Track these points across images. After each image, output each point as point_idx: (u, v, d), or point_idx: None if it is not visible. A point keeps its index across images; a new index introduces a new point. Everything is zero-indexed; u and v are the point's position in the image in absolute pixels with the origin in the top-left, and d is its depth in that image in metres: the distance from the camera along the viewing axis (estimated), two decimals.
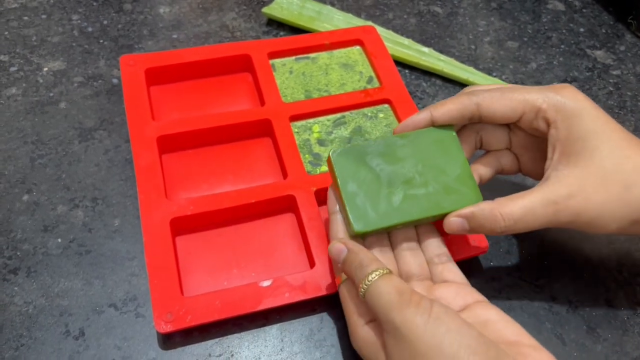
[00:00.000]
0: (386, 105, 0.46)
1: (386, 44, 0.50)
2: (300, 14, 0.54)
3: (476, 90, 0.36)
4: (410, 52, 0.52)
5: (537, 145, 0.37)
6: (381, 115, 0.46)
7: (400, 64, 0.52)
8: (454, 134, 0.37)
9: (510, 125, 0.37)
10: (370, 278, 0.29)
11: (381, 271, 0.30)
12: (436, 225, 0.36)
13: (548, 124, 0.34)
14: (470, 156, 0.38)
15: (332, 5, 0.57)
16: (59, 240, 0.39)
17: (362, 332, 0.31)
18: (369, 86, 0.48)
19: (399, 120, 0.45)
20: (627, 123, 0.49)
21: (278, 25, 0.54)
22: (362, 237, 0.35)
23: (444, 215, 0.34)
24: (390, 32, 0.53)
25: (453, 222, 0.34)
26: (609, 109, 0.50)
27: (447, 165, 0.36)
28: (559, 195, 0.32)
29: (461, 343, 0.26)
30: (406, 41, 0.53)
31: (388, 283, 0.29)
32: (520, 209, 0.32)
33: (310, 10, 0.54)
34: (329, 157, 0.35)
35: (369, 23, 0.53)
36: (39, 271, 0.37)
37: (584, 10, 0.59)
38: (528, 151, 0.38)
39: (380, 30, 0.53)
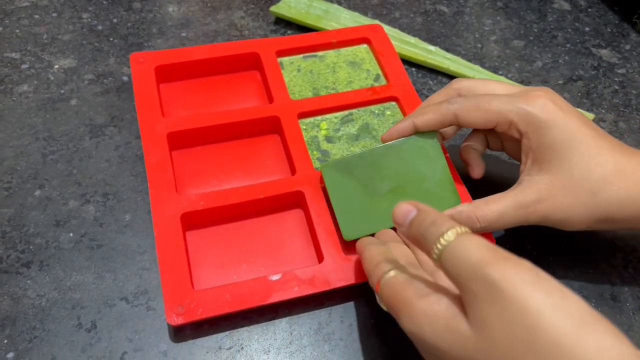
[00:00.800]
0: (393, 103, 0.47)
1: (393, 42, 0.51)
2: (308, 13, 0.54)
3: (455, 99, 0.37)
4: (417, 51, 0.52)
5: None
6: (388, 112, 0.46)
7: (407, 62, 0.52)
8: (436, 140, 0.39)
9: None
10: (447, 236, 0.26)
11: (459, 229, 0.26)
12: None
13: (520, 134, 0.36)
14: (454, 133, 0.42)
15: (339, 4, 0.57)
16: (71, 234, 0.39)
17: (425, 306, 0.26)
18: (376, 84, 0.48)
19: None
20: (633, 121, 0.49)
21: (286, 24, 0.55)
22: None
23: None
24: (397, 30, 0.54)
25: None
26: (614, 107, 0.50)
27: (429, 171, 0.39)
28: (530, 199, 0.35)
29: (585, 309, 0.23)
30: (413, 40, 0.53)
31: (474, 239, 0.25)
32: (494, 212, 0.35)
33: (317, 9, 0.55)
34: (321, 171, 0.39)
35: (376, 22, 0.54)
36: (52, 265, 0.38)
37: (590, 10, 0.60)
38: (509, 140, 0.39)
39: (387, 29, 0.53)
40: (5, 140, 0.44)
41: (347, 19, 0.54)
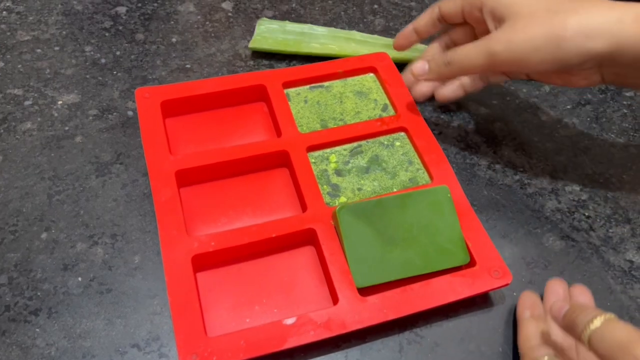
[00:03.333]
0: (402, 134, 0.46)
1: (384, 49, 0.52)
2: (286, 40, 0.53)
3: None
4: (410, 52, 0.53)
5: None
6: (397, 143, 0.46)
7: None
8: (449, 195, 0.40)
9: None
10: (596, 321, 0.29)
11: (605, 316, 0.29)
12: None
13: (481, 10, 0.42)
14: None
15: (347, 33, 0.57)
16: (79, 279, 0.38)
17: None
18: (384, 114, 0.47)
19: (416, 149, 0.45)
20: None
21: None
22: None
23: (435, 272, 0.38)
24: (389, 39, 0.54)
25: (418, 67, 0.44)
26: (624, 132, 0.50)
27: (441, 226, 0.40)
28: (494, 41, 0.39)
29: None
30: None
31: (620, 323, 0.28)
32: (462, 51, 0.41)
33: (292, 33, 0.54)
34: (334, 212, 0.39)
35: (354, 33, 0.54)
36: (60, 312, 0.37)
37: None
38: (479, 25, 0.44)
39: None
40: (10, 180, 0.43)
41: (325, 35, 0.54)
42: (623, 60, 0.37)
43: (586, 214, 0.44)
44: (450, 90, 0.47)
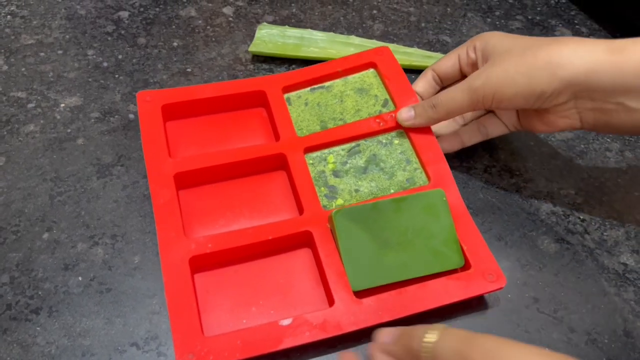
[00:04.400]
0: (401, 131, 0.46)
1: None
2: (285, 44, 0.54)
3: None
4: (415, 58, 0.54)
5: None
6: (396, 141, 0.46)
7: (410, 70, 0.53)
8: (445, 198, 0.41)
9: None
10: (430, 336, 0.29)
11: (438, 329, 0.29)
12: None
13: (475, 53, 0.44)
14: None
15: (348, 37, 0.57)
16: (80, 278, 0.39)
17: None
18: (384, 110, 0.47)
19: (414, 147, 0.45)
20: (638, 150, 0.49)
21: None
22: None
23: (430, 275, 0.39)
24: (395, 45, 0.56)
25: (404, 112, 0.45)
26: (619, 136, 0.50)
27: (436, 229, 0.40)
28: (477, 81, 0.41)
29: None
30: (411, 50, 0.55)
31: (453, 331, 0.29)
32: (446, 96, 0.42)
33: (292, 37, 0.55)
34: (330, 215, 0.40)
35: (353, 38, 0.55)
36: (61, 310, 0.37)
37: (591, 37, 0.60)
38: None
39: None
40: (13, 182, 0.44)
41: (324, 40, 0.55)
42: (598, 87, 0.38)
43: (581, 217, 0.45)
44: (447, 143, 0.47)
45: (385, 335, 0.32)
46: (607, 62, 0.37)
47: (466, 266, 0.39)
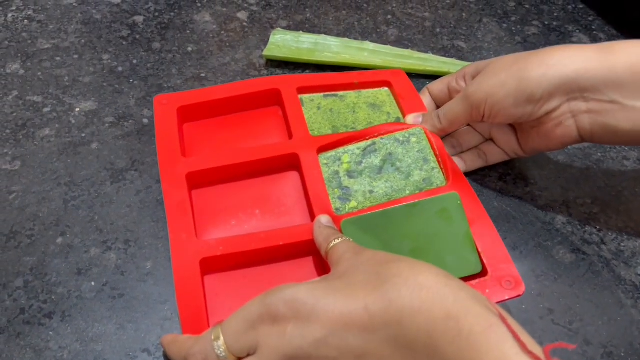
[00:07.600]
0: (419, 129, 0.45)
1: (390, 59, 0.53)
2: (299, 49, 0.54)
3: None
4: (412, 61, 0.54)
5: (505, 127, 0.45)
6: (414, 139, 0.45)
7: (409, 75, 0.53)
8: (459, 202, 0.40)
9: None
10: (334, 242, 0.35)
11: (340, 238, 0.36)
12: None
13: (464, 81, 0.46)
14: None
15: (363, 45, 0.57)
16: (93, 283, 0.39)
17: None
18: None
19: (432, 147, 0.44)
20: None
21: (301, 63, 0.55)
22: None
23: None
24: (389, 47, 0.56)
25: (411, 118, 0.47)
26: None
27: (450, 234, 0.39)
28: (471, 90, 0.42)
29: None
30: (406, 52, 0.55)
31: (348, 243, 0.35)
32: (446, 109, 0.44)
33: (306, 42, 0.55)
34: (340, 225, 0.39)
35: (367, 44, 0.55)
36: (74, 315, 0.38)
37: None
38: (502, 132, 0.46)
39: (376, 46, 0.55)
40: (28, 186, 0.44)
41: (338, 45, 0.54)
42: (589, 84, 0.38)
43: (597, 227, 0.44)
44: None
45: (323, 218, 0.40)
46: (596, 60, 0.38)
47: (483, 272, 0.39)
